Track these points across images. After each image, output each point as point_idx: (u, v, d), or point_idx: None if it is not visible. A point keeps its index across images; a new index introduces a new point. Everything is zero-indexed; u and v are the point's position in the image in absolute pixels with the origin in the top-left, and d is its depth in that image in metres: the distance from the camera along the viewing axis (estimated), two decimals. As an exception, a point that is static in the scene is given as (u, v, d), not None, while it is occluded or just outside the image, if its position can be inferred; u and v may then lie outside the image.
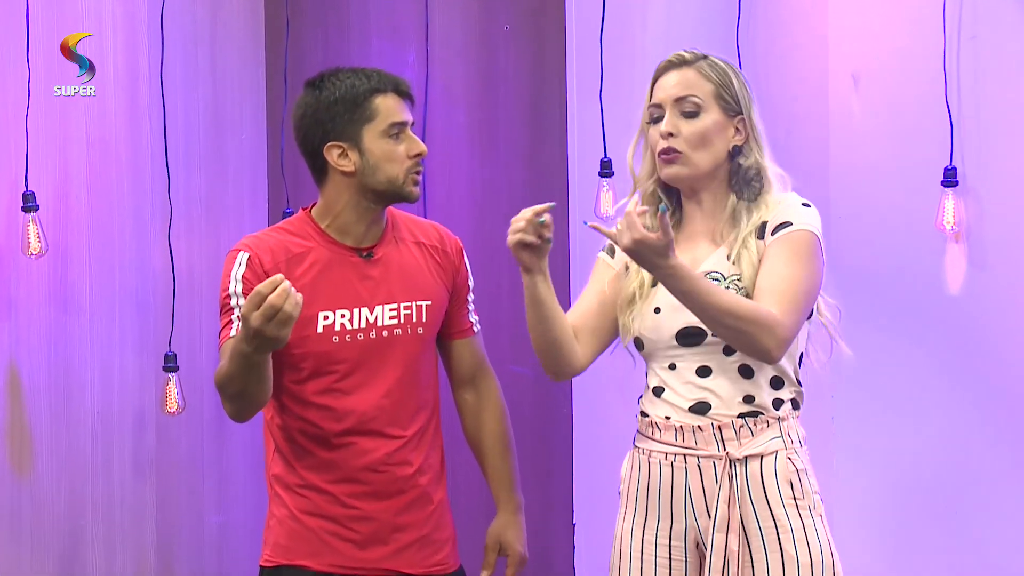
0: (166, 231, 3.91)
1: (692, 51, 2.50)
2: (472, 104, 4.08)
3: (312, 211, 2.66)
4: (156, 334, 3.92)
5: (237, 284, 2.56)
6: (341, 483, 2.62)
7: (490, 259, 3.77)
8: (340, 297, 2.61)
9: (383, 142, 2.58)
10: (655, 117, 2.48)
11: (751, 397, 2.45)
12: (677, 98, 2.46)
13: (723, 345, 2.43)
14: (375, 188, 2.60)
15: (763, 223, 2.45)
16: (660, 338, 2.47)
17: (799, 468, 2.46)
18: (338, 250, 2.63)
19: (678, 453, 2.45)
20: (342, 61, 3.46)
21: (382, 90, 2.60)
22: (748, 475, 2.42)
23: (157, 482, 3.95)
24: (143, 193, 3.92)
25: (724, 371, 2.44)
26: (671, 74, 2.48)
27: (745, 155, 2.47)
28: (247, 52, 4.16)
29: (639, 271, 2.47)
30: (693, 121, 2.44)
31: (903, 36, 3.42)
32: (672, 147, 2.44)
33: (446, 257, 2.73)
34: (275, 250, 2.60)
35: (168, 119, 3.90)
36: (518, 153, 4.06)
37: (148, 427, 3.92)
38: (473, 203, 4.07)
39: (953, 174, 3.34)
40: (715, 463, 2.43)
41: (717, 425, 2.42)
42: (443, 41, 4.07)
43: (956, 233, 3.33)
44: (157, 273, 3.93)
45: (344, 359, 2.60)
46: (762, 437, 2.44)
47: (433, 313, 2.68)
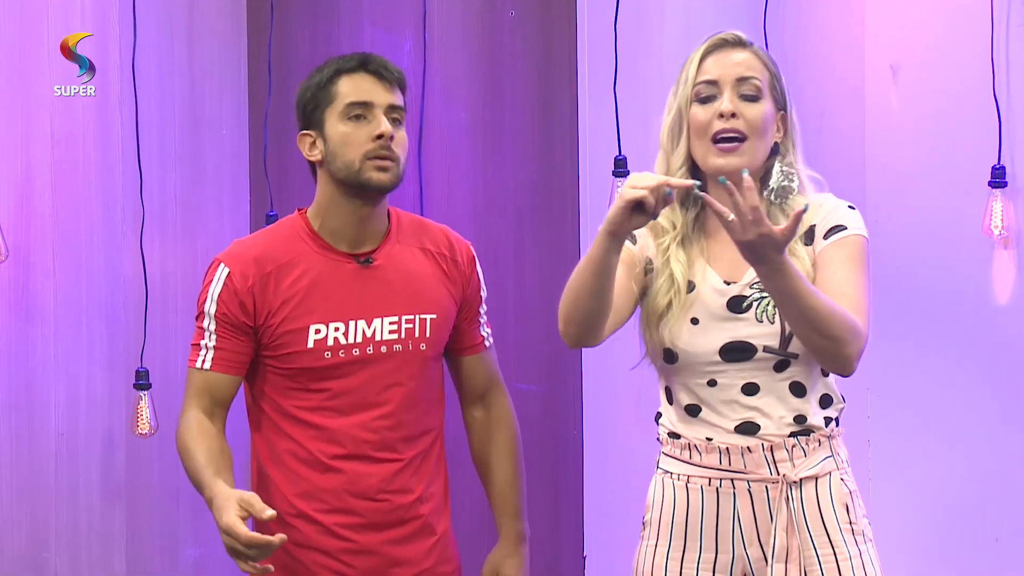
0: (138, 235, 3.90)
1: (738, 33, 2.45)
2: (474, 98, 4.07)
3: (307, 212, 2.63)
4: (127, 348, 3.90)
5: (212, 304, 2.55)
6: (334, 512, 2.57)
7: (494, 270, 3.76)
8: (334, 309, 2.56)
9: (341, 125, 2.54)
10: (705, 96, 2.40)
11: (802, 417, 2.41)
12: (740, 78, 2.39)
13: (774, 361, 2.38)
14: (338, 177, 2.55)
15: (810, 227, 2.41)
16: (699, 352, 2.40)
17: (851, 490, 2.44)
18: (332, 256, 2.59)
19: (724, 477, 2.40)
20: (331, 51, 3.66)
21: (346, 70, 2.56)
22: (804, 499, 2.39)
23: (127, 510, 3.92)
24: (113, 194, 3.91)
25: (774, 389, 2.40)
26: (730, 52, 2.42)
27: (782, 154, 2.43)
28: (227, 41, 4.19)
29: (671, 279, 2.41)
30: (755, 105, 2.39)
31: (946, 23, 3.40)
32: (736, 129, 2.36)
33: (455, 267, 2.68)
34: (262, 260, 2.56)
35: (141, 114, 3.90)
36: (524, 152, 4.05)
37: (118, 450, 3.91)
38: (475, 208, 4.06)
39: (1001, 174, 3.30)
40: (768, 487, 2.39)
41: (768, 446, 2.38)
42: (442, 29, 4.08)
43: (1004, 238, 3.32)
44: (128, 281, 3.92)
45: (337, 376, 2.56)
46: (814, 457, 2.41)
47: (438, 328, 2.64)
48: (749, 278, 2.38)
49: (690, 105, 2.40)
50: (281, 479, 2.59)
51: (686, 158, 2.41)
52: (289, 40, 4.15)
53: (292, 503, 2.58)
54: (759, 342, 2.37)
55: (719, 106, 2.37)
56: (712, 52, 2.42)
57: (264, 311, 2.54)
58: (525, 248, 4.00)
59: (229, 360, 2.55)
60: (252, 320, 2.54)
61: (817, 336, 2.26)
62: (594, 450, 3.93)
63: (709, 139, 2.37)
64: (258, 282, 2.54)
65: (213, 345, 2.54)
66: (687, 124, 2.40)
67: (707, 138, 2.37)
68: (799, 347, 2.35)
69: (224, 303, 2.54)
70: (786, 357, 2.38)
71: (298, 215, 2.63)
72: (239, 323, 2.54)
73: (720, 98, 2.38)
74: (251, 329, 2.54)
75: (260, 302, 2.54)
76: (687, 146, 2.40)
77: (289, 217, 2.65)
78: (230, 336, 2.54)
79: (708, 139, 2.37)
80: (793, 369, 2.38)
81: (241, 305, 2.53)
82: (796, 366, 2.38)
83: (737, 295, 2.38)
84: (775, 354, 2.37)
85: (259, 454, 2.64)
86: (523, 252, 4.00)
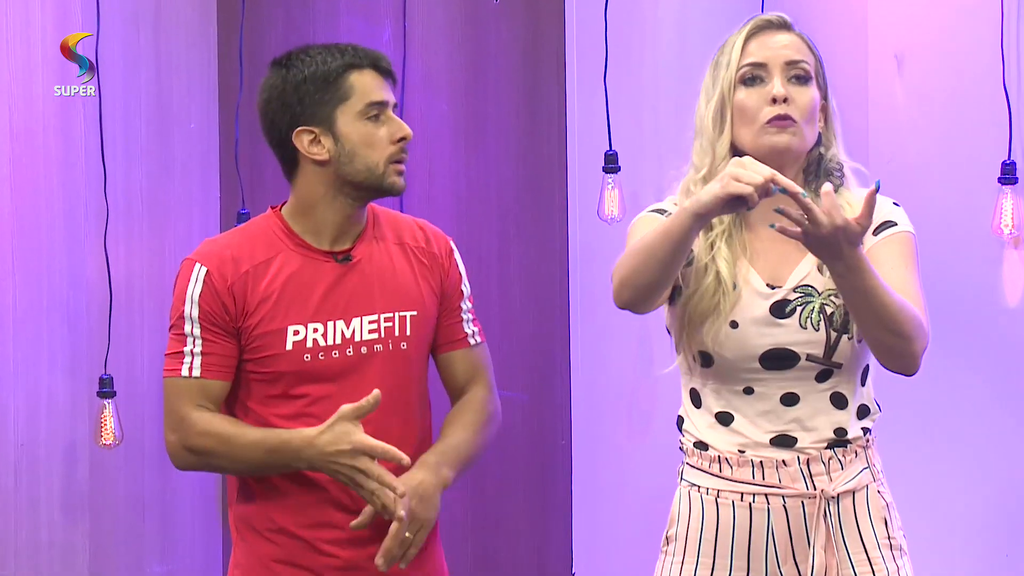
0: (102, 234, 3.88)
1: (782, 15, 2.44)
2: (456, 89, 4.09)
3: (282, 210, 2.62)
4: (90, 354, 3.89)
5: (193, 307, 2.53)
6: (317, 527, 2.55)
7: (477, 269, 3.75)
8: (312, 308, 2.56)
9: (360, 125, 2.55)
10: (751, 77, 2.37)
11: (842, 430, 2.38)
12: (790, 61, 2.37)
13: (816, 371, 2.35)
14: (352, 179, 2.55)
15: None
16: (739, 357, 2.37)
17: (888, 502, 2.43)
18: (310, 254, 2.57)
19: (758, 493, 2.37)
20: (306, 40, 3.49)
21: (358, 66, 2.56)
22: (841, 515, 2.38)
23: (91, 525, 3.92)
24: (76, 191, 3.91)
25: (815, 400, 2.37)
26: (777, 34, 2.40)
27: (825, 145, 2.43)
28: (196, 30, 4.20)
29: (717, 279, 2.37)
30: (805, 89, 2.37)
31: (954, 11, 3.38)
32: (788, 114, 2.34)
33: (433, 259, 2.67)
34: (238, 260, 2.56)
35: (105, 107, 3.88)
36: (509, 146, 4.06)
37: (80, 461, 3.89)
38: (457, 205, 4.07)
39: (1012, 170, 3.29)
40: (804, 502, 2.36)
41: (804, 459, 2.37)
42: (423, 17, 4.09)
43: (1015, 238, 3.30)
44: (91, 283, 3.92)
45: (317, 380, 2.56)
46: (851, 469, 2.39)
47: (419, 325, 2.62)
48: (794, 281, 2.36)
49: (734, 89, 2.37)
50: (260, 493, 2.56)
51: (731, 145, 2.38)
52: (261, 29, 4.17)
53: (272, 518, 2.56)
54: (802, 350, 2.34)
55: (770, 90, 2.34)
56: (756, 34, 2.39)
57: (243, 312, 2.51)
58: (510, 247, 4.01)
59: (219, 365, 2.52)
60: (234, 321, 2.52)
61: (889, 334, 2.23)
62: (584, 461, 3.93)
63: (760, 124, 2.34)
64: (236, 281, 2.52)
65: (200, 351, 2.51)
66: (731, 109, 2.37)
67: (757, 124, 2.35)
68: (844, 356, 2.33)
69: (206, 303, 2.52)
70: (829, 367, 2.34)
71: (272, 213, 2.61)
72: (223, 323, 2.51)
73: (769, 81, 2.35)
74: (235, 331, 2.52)
75: (239, 302, 2.52)
76: (731, 132, 2.38)
77: (262, 215, 2.63)
78: (216, 339, 2.51)
79: (758, 124, 2.35)
80: (836, 379, 2.35)
81: (223, 305, 2.51)
82: (839, 376, 2.35)
83: (781, 299, 2.34)
84: (819, 363, 2.34)
85: None
86: (508, 251, 4.01)
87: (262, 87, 2.61)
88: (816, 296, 2.35)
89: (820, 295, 2.34)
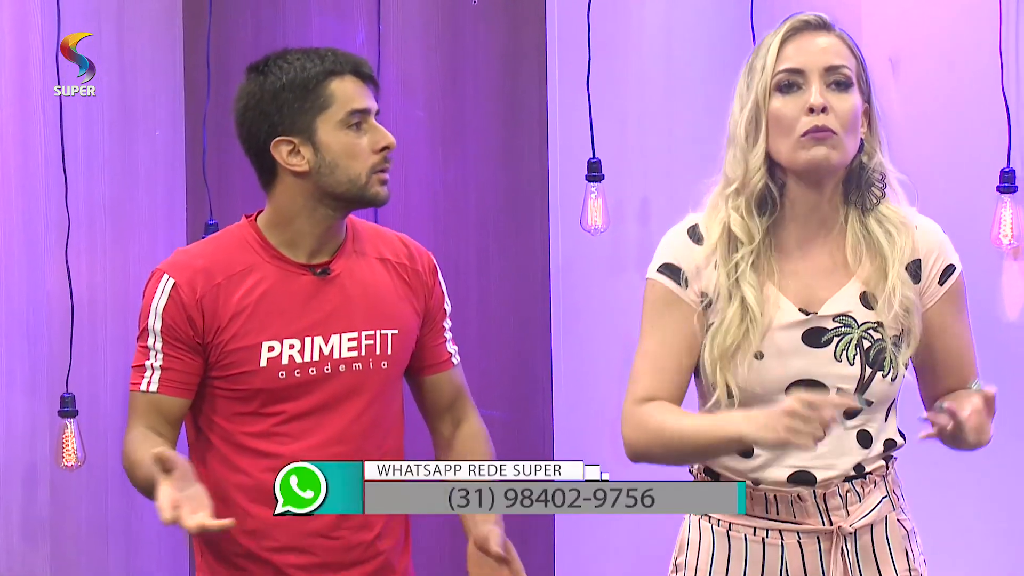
0: (63, 247, 3.84)
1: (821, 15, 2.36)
2: (433, 94, 4.08)
3: (258, 220, 2.60)
4: (50, 372, 3.84)
5: (156, 319, 2.52)
6: (286, 552, 2.54)
7: (455, 283, 3.68)
8: (289, 324, 2.54)
9: (341, 134, 2.53)
10: (786, 84, 2.28)
11: (862, 467, 2.32)
12: (829, 67, 2.28)
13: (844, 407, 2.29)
14: (333, 190, 2.53)
15: (915, 261, 2.33)
16: (764, 391, 2.29)
17: (909, 530, 2.38)
18: (287, 267, 2.56)
19: (771, 528, 2.32)
20: (276, 43, 3.57)
21: (338, 72, 2.54)
22: (859, 550, 2.32)
23: (52, 549, 3.87)
24: (35, 201, 3.86)
25: (840, 438, 2.29)
26: (816, 36, 2.31)
27: (869, 153, 2.33)
28: (161, 32, 4.17)
29: (743, 307, 2.29)
30: (845, 96, 2.27)
31: (951, 13, 3.39)
32: (827, 127, 2.24)
33: (416, 276, 2.65)
34: (209, 271, 2.54)
35: (65, 112, 3.84)
36: (488, 154, 4.05)
37: (40, 483, 3.85)
38: (434, 214, 4.06)
39: (1011, 178, 3.30)
40: (820, 538, 2.31)
41: (821, 493, 2.31)
42: (399, 19, 4.07)
43: (1015, 248, 3.32)
44: (52, 297, 3.87)
45: (293, 398, 2.54)
46: (870, 500, 2.33)
47: (400, 344, 2.61)
48: (833, 309, 2.29)
49: (769, 96, 2.28)
50: (226, 516, 2.49)
51: (765, 156, 2.29)
52: (229, 31, 4.14)
53: (240, 542, 2.53)
54: (833, 383, 2.27)
55: (807, 98, 2.25)
56: (793, 36, 2.31)
57: (213, 327, 2.49)
58: (489, 258, 3.99)
59: (178, 381, 2.50)
60: (201, 336, 2.49)
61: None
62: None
63: (797, 135, 2.26)
64: (207, 294, 2.50)
65: (160, 365, 2.49)
66: (766, 118, 2.29)
67: (794, 135, 2.26)
68: (875, 395, 2.27)
69: (170, 317, 2.50)
70: (860, 404, 2.29)
71: (246, 223, 2.58)
72: (187, 339, 2.49)
73: (806, 88, 2.27)
74: (200, 346, 2.49)
75: (209, 316, 2.49)
76: (766, 143, 2.29)
77: (236, 225, 2.60)
78: (178, 355, 2.49)
79: (795, 136, 2.26)
80: (864, 417, 2.29)
81: (189, 319, 2.49)
82: (868, 414, 2.29)
83: (816, 327, 2.27)
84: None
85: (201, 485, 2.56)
86: (487, 263, 3.99)
87: (239, 94, 2.59)
88: (855, 328, 2.28)
89: (859, 327, 2.28)
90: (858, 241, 2.30)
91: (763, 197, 2.27)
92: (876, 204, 2.31)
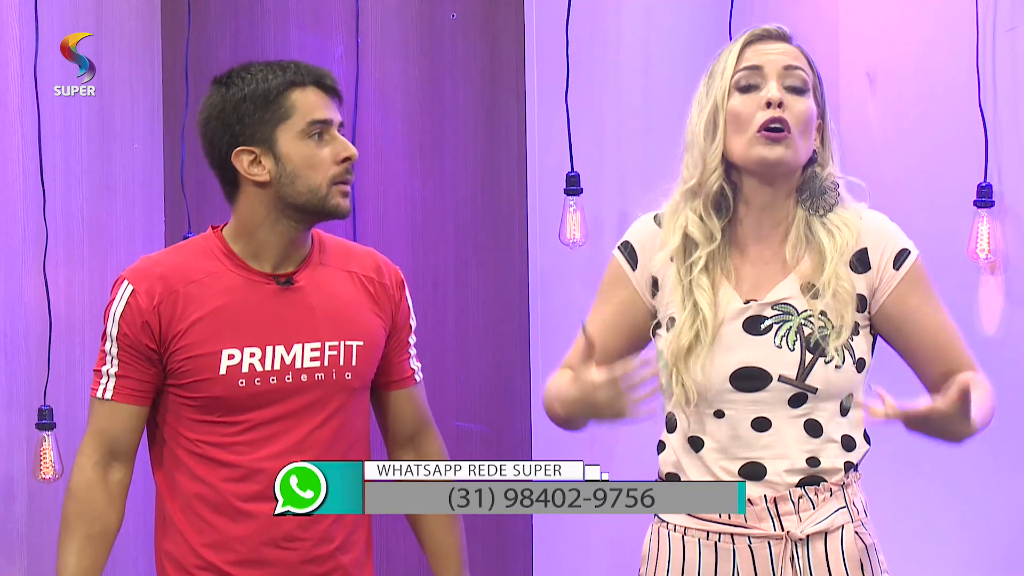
0: (41, 259, 3.85)
1: (781, 27, 2.42)
2: (412, 108, 4.08)
3: (223, 230, 2.62)
4: (28, 384, 3.83)
5: (114, 325, 2.55)
6: (246, 565, 2.55)
7: (433, 296, 3.78)
8: (250, 332, 2.55)
9: (302, 144, 2.54)
10: (747, 84, 2.34)
11: (815, 460, 2.33)
12: (787, 66, 2.35)
13: (790, 394, 2.31)
14: (294, 201, 2.55)
15: (860, 251, 2.37)
16: (709, 381, 2.34)
17: (867, 544, 2.37)
18: (250, 276, 2.58)
19: (723, 532, 2.34)
20: (255, 56, 3.59)
21: (299, 83, 2.57)
22: (811, 557, 2.32)
23: (28, 564, 3.84)
24: (12, 213, 3.84)
25: (787, 426, 2.32)
26: (773, 43, 2.38)
27: (821, 164, 2.39)
28: (139, 44, 4.18)
29: (695, 311, 2.34)
30: (801, 99, 2.34)
31: (928, 28, 3.39)
32: (783, 119, 2.30)
33: (383, 290, 2.66)
34: (169, 278, 2.55)
35: (43, 124, 3.85)
36: (467, 167, 4.06)
37: (17, 497, 3.83)
38: (412, 228, 4.06)
39: (988, 192, 3.30)
40: (770, 543, 2.32)
41: (772, 497, 2.32)
42: (377, 32, 4.08)
43: (991, 263, 3.32)
44: (29, 309, 3.86)
45: (253, 407, 2.54)
46: (825, 509, 2.34)
47: (365, 356, 2.61)
48: (773, 297, 2.33)
49: (728, 96, 2.34)
50: (187, 527, 2.55)
51: (722, 156, 2.34)
52: (208, 44, 4.15)
53: (199, 554, 2.54)
54: (774, 370, 2.30)
55: (764, 95, 2.31)
56: (753, 42, 2.37)
57: (171, 334, 2.50)
58: (468, 272, 3.99)
59: (133, 389, 2.52)
60: (157, 344, 2.51)
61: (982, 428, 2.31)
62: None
63: (753, 131, 2.30)
64: (165, 300, 2.52)
65: (115, 372, 2.52)
66: (723, 118, 2.34)
67: (750, 131, 2.31)
68: (819, 380, 2.30)
69: (126, 324, 2.53)
70: (803, 390, 2.30)
71: (212, 233, 2.61)
72: (142, 347, 2.51)
73: (764, 87, 2.32)
74: (156, 354, 2.51)
75: (166, 324, 2.51)
76: (724, 141, 2.34)
77: (202, 235, 2.63)
78: (133, 362, 2.51)
79: (752, 132, 2.31)
80: (810, 405, 2.31)
81: (145, 326, 2.51)
82: (814, 402, 2.31)
83: (756, 315, 2.31)
84: (791, 385, 2.30)
85: (163, 497, 2.60)
86: (465, 277, 3.99)
87: (202, 106, 2.61)
88: (795, 315, 2.31)
89: (799, 315, 2.31)
90: (800, 239, 2.34)
91: (719, 197, 2.32)
92: (829, 210, 2.36)
